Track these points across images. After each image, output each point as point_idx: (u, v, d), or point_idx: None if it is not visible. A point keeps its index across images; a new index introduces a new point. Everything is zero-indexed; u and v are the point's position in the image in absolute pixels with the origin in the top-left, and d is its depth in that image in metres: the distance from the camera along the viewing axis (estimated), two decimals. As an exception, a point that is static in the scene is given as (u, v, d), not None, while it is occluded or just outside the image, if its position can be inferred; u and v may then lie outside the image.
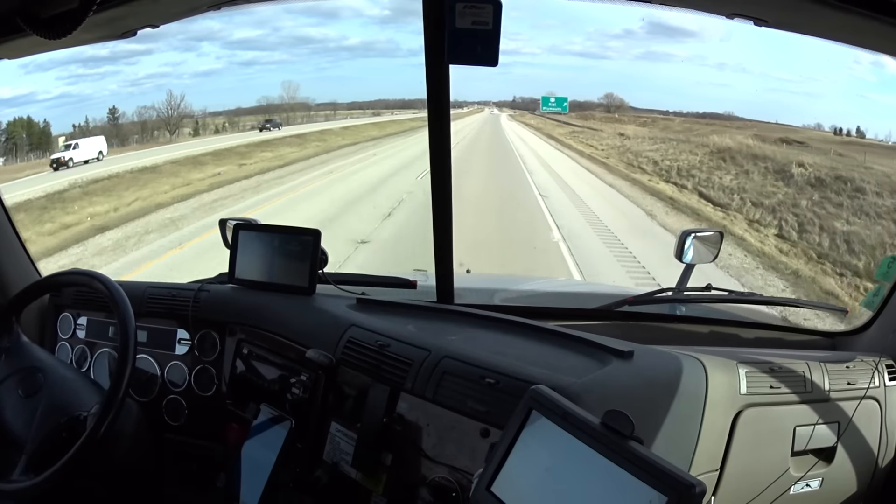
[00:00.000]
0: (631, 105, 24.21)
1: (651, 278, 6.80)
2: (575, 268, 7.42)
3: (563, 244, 8.55)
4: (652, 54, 28.06)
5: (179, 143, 18.61)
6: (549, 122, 27.06)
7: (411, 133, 22.55)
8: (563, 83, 34.64)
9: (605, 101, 25.09)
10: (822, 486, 1.35)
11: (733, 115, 19.11)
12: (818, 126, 15.98)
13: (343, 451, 1.35)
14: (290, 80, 25.94)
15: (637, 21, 28.72)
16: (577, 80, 32.78)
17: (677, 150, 16.92)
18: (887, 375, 1.42)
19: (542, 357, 1.29)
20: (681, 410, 1.17)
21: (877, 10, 1.06)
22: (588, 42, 33.40)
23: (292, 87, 24.12)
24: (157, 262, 8.47)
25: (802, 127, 16.20)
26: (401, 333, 1.39)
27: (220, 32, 22.33)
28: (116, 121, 18.33)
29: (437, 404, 1.23)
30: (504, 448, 0.94)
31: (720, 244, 1.83)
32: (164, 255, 8.93)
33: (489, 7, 1.25)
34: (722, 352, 1.38)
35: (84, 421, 1.39)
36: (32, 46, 1.39)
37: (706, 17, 1.43)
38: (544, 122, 27.42)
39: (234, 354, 1.62)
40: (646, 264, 7.55)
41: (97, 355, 1.75)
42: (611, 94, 25.27)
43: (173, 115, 19.80)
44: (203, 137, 19.68)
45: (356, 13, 26.72)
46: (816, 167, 12.52)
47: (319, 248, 1.65)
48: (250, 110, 22.55)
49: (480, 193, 11.16)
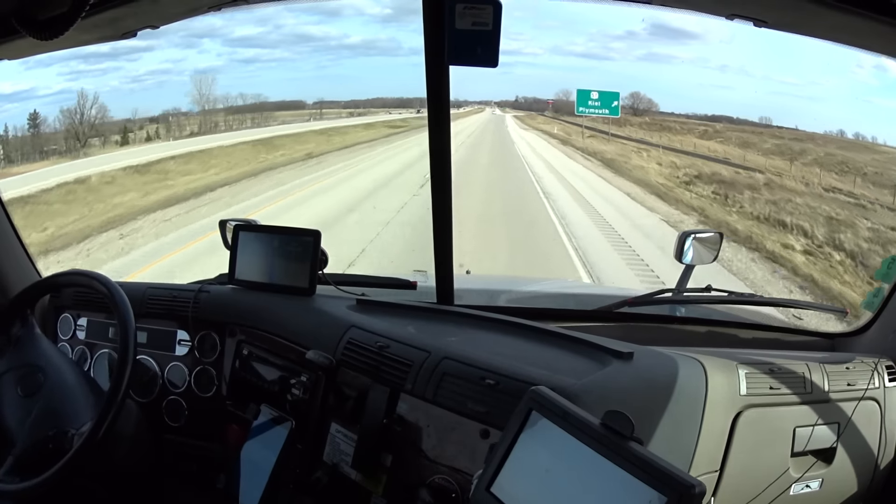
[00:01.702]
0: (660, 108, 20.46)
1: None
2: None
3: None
4: (654, 55, 27.80)
5: (80, 161, 13.99)
6: (573, 127, 21.58)
7: (400, 136, 20.55)
8: (565, 84, 34.25)
9: (631, 102, 20.22)
10: (822, 486, 1.35)
11: (742, 119, 17.46)
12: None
13: (343, 452, 1.35)
14: (208, 71, 20.99)
15: (639, 22, 28.28)
16: (580, 81, 32.45)
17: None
18: (887, 376, 1.42)
19: (542, 358, 1.29)
20: (680, 411, 1.17)
21: (876, 10, 1.06)
22: (590, 43, 33.22)
23: (205, 84, 19.51)
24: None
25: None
26: (401, 334, 1.39)
27: (221, 29, 21.91)
28: (38, 129, 14.94)
29: (437, 405, 1.23)
30: (504, 449, 0.94)
31: (720, 245, 1.83)
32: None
33: (489, 8, 1.25)
34: (722, 353, 1.38)
35: (70, 438, 1.38)
36: (31, 47, 1.40)
37: (706, 18, 1.43)
38: (567, 128, 22.14)
39: (235, 355, 1.62)
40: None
41: (97, 356, 1.75)
42: (637, 92, 20.75)
43: (90, 121, 15.76)
44: (124, 149, 15.62)
45: (358, 11, 26.41)
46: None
47: (319, 249, 1.65)
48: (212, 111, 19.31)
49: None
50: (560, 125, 23.31)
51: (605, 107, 17.66)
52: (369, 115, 26.40)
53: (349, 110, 26.10)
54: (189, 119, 19.09)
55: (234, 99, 20.65)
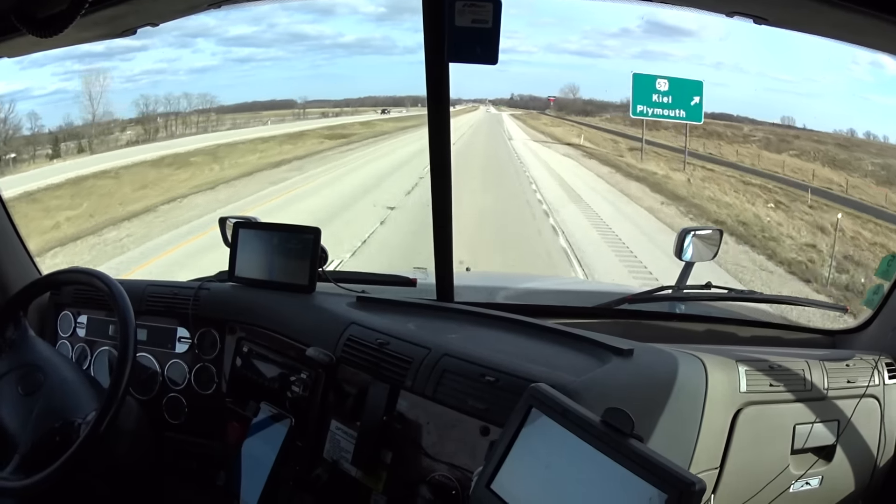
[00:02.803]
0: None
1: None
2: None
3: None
4: (649, 53, 27.68)
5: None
6: (590, 131, 16.37)
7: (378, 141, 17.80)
8: (560, 82, 33.87)
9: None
10: (822, 484, 1.35)
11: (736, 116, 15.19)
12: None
13: (343, 449, 1.35)
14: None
15: (634, 20, 27.90)
16: (576, 79, 32.16)
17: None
18: (887, 374, 1.42)
19: (542, 355, 1.29)
20: (680, 408, 1.17)
21: (878, 7, 1.06)
22: (585, 40, 32.78)
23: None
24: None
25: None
26: (401, 331, 1.39)
27: (215, 29, 21.56)
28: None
29: (436, 402, 1.23)
30: (504, 446, 0.94)
31: (720, 242, 1.83)
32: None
33: (489, 5, 1.25)
34: (722, 350, 1.38)
35: (78, 428, 1.39)
36: (32, 45, 1.39)
37: (705, 15, 1.42)
38: (597, 136, 16.39)
39: (234, 353, 1.62)
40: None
41: (97, 354, 1.75)
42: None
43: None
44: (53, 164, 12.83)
45: (352, 10, 26.09)
46: None
47: (319, 246, 1.65)
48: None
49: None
50: (571, 127, 17.87)
51: (680, 105, 11.66)
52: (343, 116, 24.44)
53: (322, 109, 23.95)
54: (127, 125, 16.05)
55: (178, 101, 17.30)
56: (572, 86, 17.37)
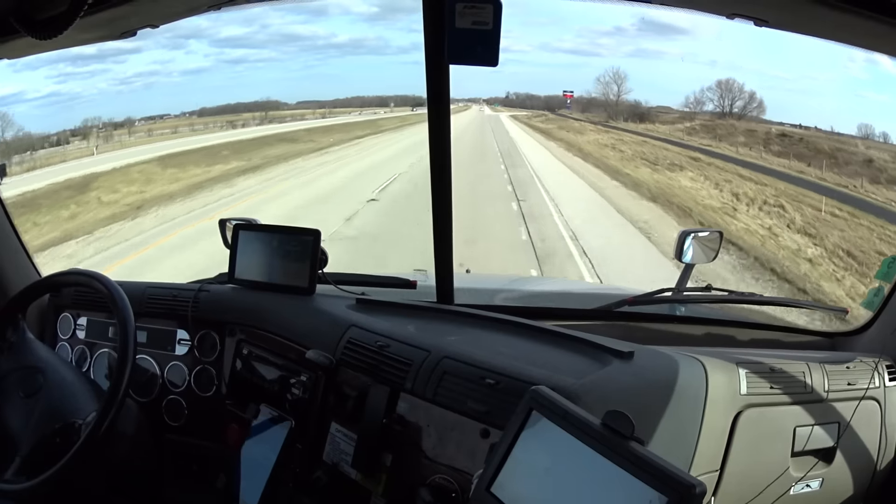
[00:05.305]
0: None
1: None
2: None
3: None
4: (643, 52, 27.69)
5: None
6: (656, 147, 13.63)
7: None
8: (555, 81, 33.58)
9: (719, 97, 13.67)
10: (822, 486, 1.35)
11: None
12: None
13: (343, 452, 1.35)
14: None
15: (628, 18, 27.96)
16: (570, 77, 31.97)
17: None
18: (887, 376, 1.42)
19: (542, 357, 1.29)
20: (681, 411, 1.17)
21: (878, 10, 1.06)
22: (579, 39, 32.73)
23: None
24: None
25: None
26: (401, 334, 1.39)
27: (208, 30, 21.69)
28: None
29: (437, 405, 1.23)
30: (504, 448, 0.94)
31: (719, 244, 1.83)
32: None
33: (489, 7, 1.24)
34: (722, 352, 1.38)
35: (78, 429, 1.39)
36: (30, 47, 1.39)
37: (704, 16, 1.42)
38: (639, 142, 13.76)
39: (234, 355, 1.61)
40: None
41: (97, 356, 1.75)
42: (728, 81, 14.27)
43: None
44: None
45: (344, 10, 26.02)
46: None
47: (319, 249, 1.64)
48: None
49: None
50: (606, 134, 13.41)
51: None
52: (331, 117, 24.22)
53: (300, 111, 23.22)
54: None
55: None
56: (615, 71, 12.82)
